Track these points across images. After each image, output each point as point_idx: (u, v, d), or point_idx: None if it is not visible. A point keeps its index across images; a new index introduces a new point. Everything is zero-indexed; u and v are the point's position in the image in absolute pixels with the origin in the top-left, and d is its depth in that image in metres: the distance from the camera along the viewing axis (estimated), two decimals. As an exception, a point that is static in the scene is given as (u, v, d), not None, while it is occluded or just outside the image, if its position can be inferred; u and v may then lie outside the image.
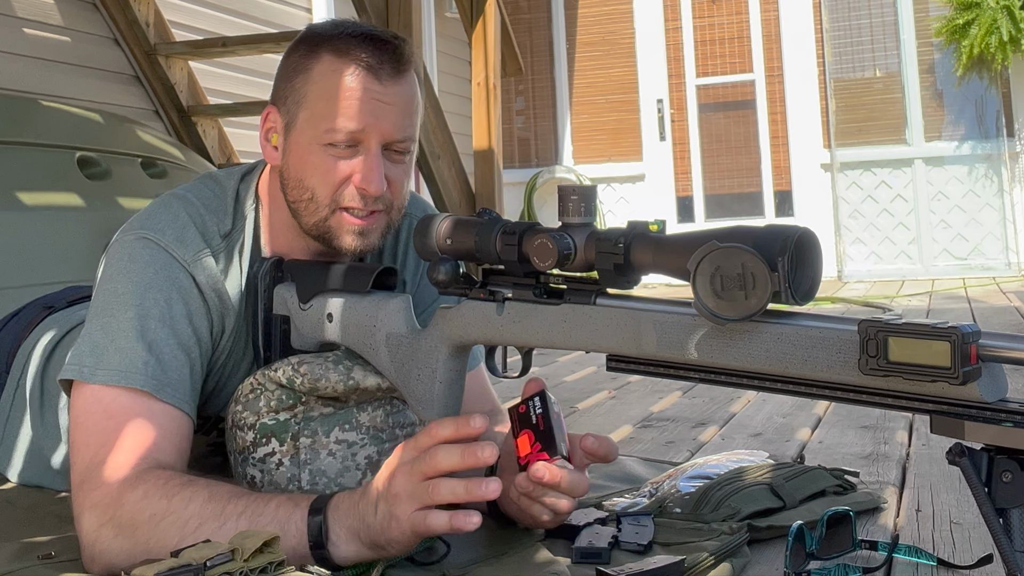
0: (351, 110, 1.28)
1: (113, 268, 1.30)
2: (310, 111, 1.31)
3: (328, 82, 1.30)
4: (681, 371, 1.05)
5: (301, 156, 1.32)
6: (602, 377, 2.97)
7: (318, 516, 1.11)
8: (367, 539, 1.11)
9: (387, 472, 1.11)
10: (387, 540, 1.10)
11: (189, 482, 1.16)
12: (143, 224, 1.32)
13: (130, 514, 1.14)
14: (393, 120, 1.30)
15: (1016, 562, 0.88)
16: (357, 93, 1.28)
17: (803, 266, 0.96)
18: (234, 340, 1.37)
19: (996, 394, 0.89)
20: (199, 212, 1.35)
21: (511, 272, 1.15)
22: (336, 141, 1.29)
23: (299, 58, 1.34)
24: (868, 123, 7.51)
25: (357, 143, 1.30)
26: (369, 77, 1.29)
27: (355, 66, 1.29)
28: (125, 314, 1.26)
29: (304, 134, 1.32)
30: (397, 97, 1.31)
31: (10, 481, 1.65)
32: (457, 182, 4.29)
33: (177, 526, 1.12)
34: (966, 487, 0.92)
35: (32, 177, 2.86)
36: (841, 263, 7.40)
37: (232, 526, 1.11)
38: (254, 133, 5.35)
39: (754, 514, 1.36)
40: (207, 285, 1.32)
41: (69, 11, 3.85)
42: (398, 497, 1.08)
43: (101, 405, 1.22)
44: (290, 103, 1.33)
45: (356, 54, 1.30)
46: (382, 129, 1.30)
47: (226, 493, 1.15)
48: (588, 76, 8.10)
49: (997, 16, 6.84)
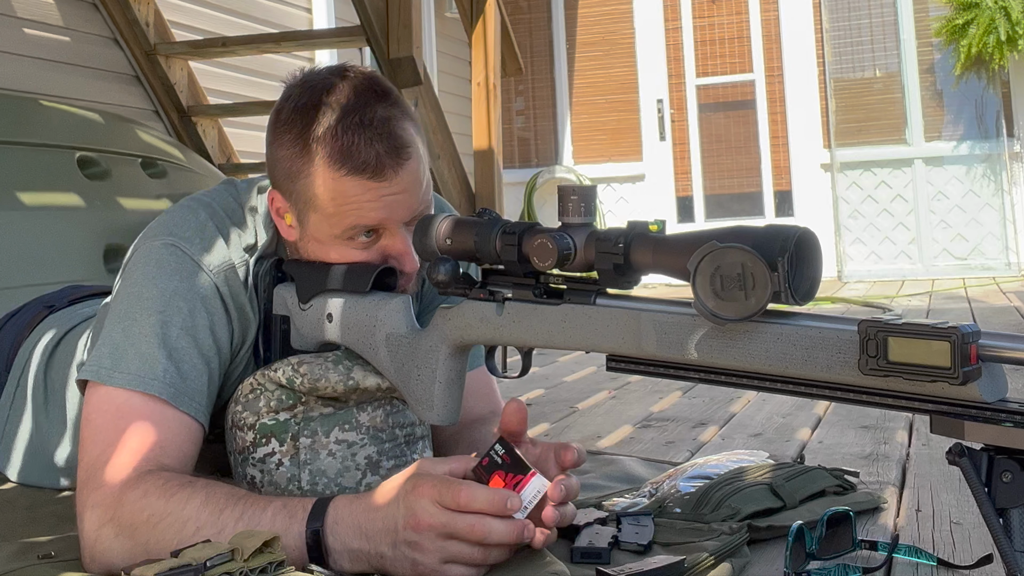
0: (364, 211, 1.26)
1: (139, 272, 1.29)
2: (321, 214, 1.28)
3: (334, 191, 1.26)
4: (681, 371, 1.05)
5: (321, 245, 1.31)
6: (602, 377, 2.97)
7: (316, 528, 1.09)
8: (375, 565, 1.09)
9: (405, 514, 1.07)
10: (397, 573, 1.08)
11: (188, 483, 1.16)
12: (171, 231, 1.31)
13: (129, 514, 1.14)
14: (408, 205, 1.28)
15: (1016, 562, 0.88)
16: (366, 196, 1.25)
17: (803, 266, 0.96)
18: (252, 350, 1.37)
19: (996, 394, 0.89)
20: (223, 221, 1.34)
21: (511, 272, 1.15)
22: (355, 237, 1.29)
23: (294, 156, 1.28)
24: (868, 123, 7.51)
25: (379, 229, 1.29)
26: (374, 181, 1.25)
27: (357, 175, 1.24)
28: (148, 320, 1.26)
29: (320, 231, 1.30)
30: (406, 184, 1.27)
31: (10, 480, 1.65)
32: (457, 182, 4.29)
33: (175, 528, 1.12)
34: (966, 487, 0.92)
35: (32, 177, 2.86)
36: (841, 263, 7.40)
37: (229, 534, 1.10)
38: (254, 133, 5.32)
39: (754, 514, 1.36)
40: (230, 296, 1.31)
41: (69, 11, 3.85)
42: (420, 545, 1.06)
43: (113, 406, 1.22)
44: (295, 200, 1.30)
45: (354, 157, 1.24)
46: (400, 217, 1.28)
47: (223, 496, 1.14)
48: (588, 76, 8.10)
49: (995, 16, 6.84)
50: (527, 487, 1.11)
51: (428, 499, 1.06)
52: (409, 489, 1.07)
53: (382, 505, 1.09)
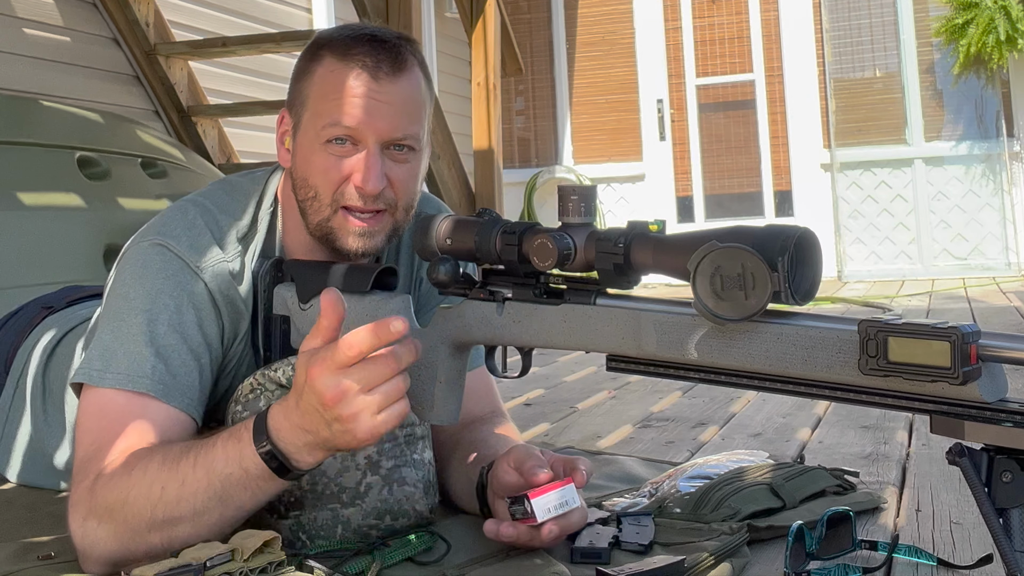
0: (348, 108, 1.29)
1: (126, 274, 1.31)
2: (312, 111, 1.32)
3: (327, 81, 1.31)
4: (681, 371, 1.05)
5: (305, 156, 1.33)
6: (602, 377, 2.97)
7: (265, 444, 1.11)
8: (329, 447, 1.11)
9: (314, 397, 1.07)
10: (346, 444, 1.09)
11: (145, 452, 1.17)
12: (158, 231, 1.33)
13: (102, 499, 1.16)
14: (390, 119, 1.30)
15: (1016, 562, 0.88)
16: (354, 91, 1.29)
17: (803, 266, 0.96)
18: (246, 343, 1.37)
19: (996, 394, 0.89)
20: (215, 218, 1.35)
21: (511, 272, 1.15)
22: (333, 137, 1.30)
23: (305, 61, 1.35)
24: (868, 123, 7.51)
25: (356, 142, 1.30)
26: (366, 76, 1.30)
27: (353, 66, 1.30)
28: (135, 319, 1.27)
29: (307, 134, 1.33)
30: (394, 96, 1.31)
31: (9, 481, 1.65)
32: (457, 182, 4.29)
33: (143, 496, 1.13)
34: (966, 487, 0.92)
35: (32, 177, 2.86)
36: (841, 263, 7.40)
37: (192, 482, 1.12)
38: (254, 133, 5.32)
39: (754, 514, 1.36)
40: (219, 291, 1.32)
41: (69, 11, 3.85)
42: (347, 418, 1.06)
43: (103, 407, 1.23)
44: (297, 105, 1.35)
45: (355, 54, 1.31)
46: (378, 127, 1.30)
47: (176, 452, 1.16)
48: (588, 76, 8.10)
49: (995, 16, 6.84)
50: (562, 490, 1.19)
51: (322, 375, 1.06)
52: (304, 379, 1.08)
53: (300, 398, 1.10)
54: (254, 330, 1.37)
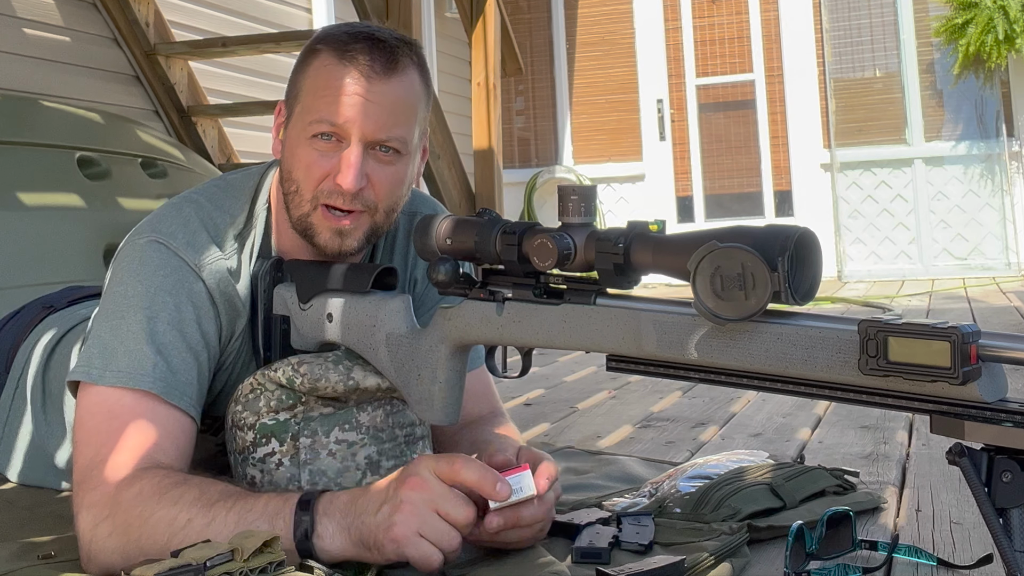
0: (335, 104, 1.29)
1: (124, 271, 1.30)
2: (303, 104, 1.33)
3: (320, 77, 1.31)
4: (681, 371, 1.05)
5: (292, 149, 1.33)
6: (602, 377, 2.97)
7: (307, 511, 1.12)
8: (357, 536, 1.11)
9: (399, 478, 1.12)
10: (376, 543, 1.09)
11: (182, 480, 1.17)
12: (154, 228, 1.33)
13: (124, 513, 1.15)
14: (376, 119, 1.29)
15: (1016, 562, 0.88)
16: (344, 88, 1.29)
17: (803, 266, 0.96)
18: (243, 341, 1.37)
19: (996, 394, 0.89)
20: (210, 215, 1.35)
21: (511, 272, 1.15)
22: (319, 132, 1.30)
23: (304, 56, 1.36)
24: (868, 123, 7.51)
25: (342, 139, 1.30)
26: (358, 75, 1.29)
27: (347, 63, 1.30)
28: (135, 316, 1.26)
29: (296, 128, 1.33)
30: (384, 96, 1.30)
31: (10, 481, 1.65)
32: (457, 182, 4.29)
33: (166, 523, 1.12)
34: (966, 487, 0.92)
35: (32, 177, 2.86)
36: (841, 263, 7.40)
37: (221, 522, 1.11)
38: (254, 133, 5.32)
39: (754, 514, 1.36)
40: (217, 289, 1.32)
41: (69, 11, 3.85)
42: (403, 507, 1.09)
43: (106, 406, 1.23)
44: (291, 97, 1.36)
45: (351, 52, 1.30)
46: (363, 126, 1.29)
47: (217, 492, 1.15)
48: (588, 76, 8.10)
49: (994, 15, 6.84)
50: (518, 476, 1.16)
51: (425, 467, 1.11)
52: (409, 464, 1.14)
53: (380, 484, 1.14)
54: (253, 329, 1.37)
